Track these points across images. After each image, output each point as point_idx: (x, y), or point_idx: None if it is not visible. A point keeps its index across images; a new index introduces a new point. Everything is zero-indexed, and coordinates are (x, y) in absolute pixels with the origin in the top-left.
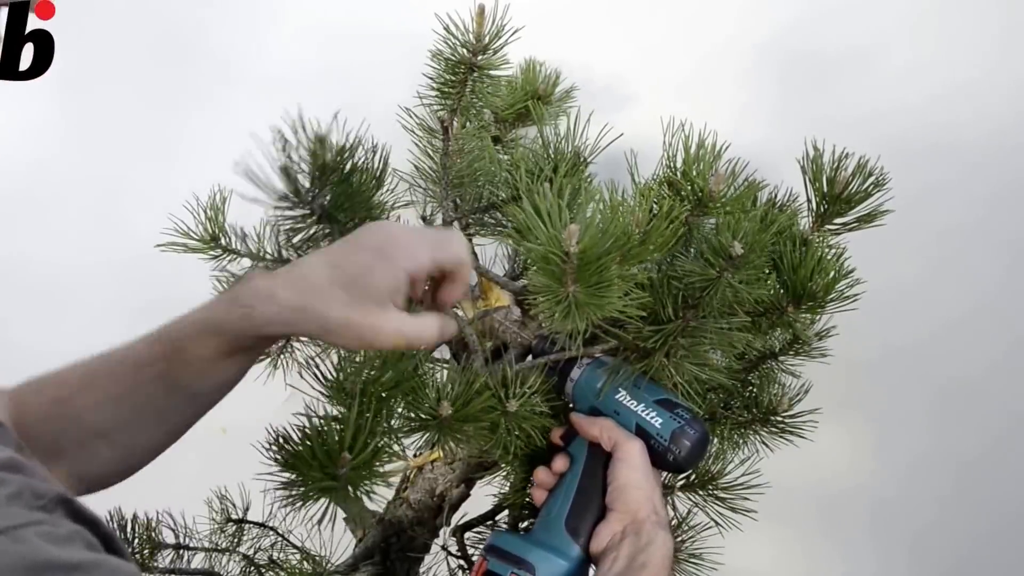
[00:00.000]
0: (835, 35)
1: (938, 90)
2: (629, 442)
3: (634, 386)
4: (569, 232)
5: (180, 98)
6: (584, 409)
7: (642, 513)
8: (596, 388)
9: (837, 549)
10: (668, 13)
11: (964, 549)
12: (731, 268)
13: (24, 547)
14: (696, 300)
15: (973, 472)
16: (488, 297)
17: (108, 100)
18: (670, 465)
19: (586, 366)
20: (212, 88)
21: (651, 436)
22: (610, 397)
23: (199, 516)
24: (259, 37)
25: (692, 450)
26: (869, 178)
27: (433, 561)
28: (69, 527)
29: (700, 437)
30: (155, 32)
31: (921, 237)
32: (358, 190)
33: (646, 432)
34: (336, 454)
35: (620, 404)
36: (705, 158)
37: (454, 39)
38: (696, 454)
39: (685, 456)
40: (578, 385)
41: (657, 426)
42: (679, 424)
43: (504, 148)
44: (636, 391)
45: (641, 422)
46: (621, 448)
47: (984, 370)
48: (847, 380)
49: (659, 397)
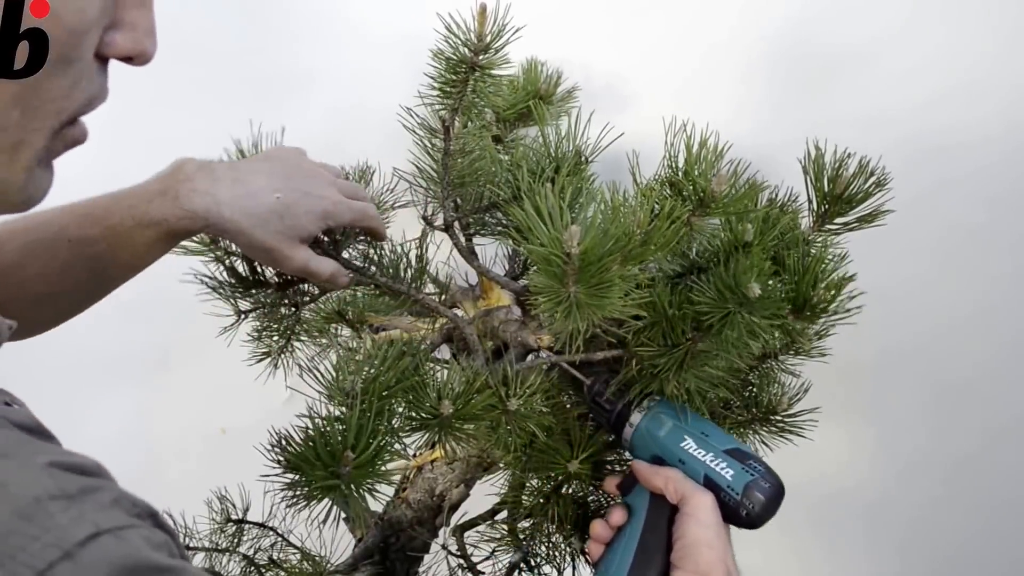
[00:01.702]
0: (838, 35)
1: (940, 91)
2: (699, 495)
3: (702, 434)
4: (570, 233)
5: (182, 97)
6: (644, 457)
7: (715, 575)
8: (659, 435)
9: (830, 548)
10: (670, 13)
11: (956, 549)
12: (747, 308)
13: (127, 547)
14: (708, 327)
15: (967, 473)
16: (489, 297)
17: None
18: (742, 521)
19: (647, 410)
20: (214, 87)
21: (721, 489)
22: (675, 445)
23: (199, 516)
24: (261, 36)
25: (767, 504)
26: (870, 178)
27: (433, 561)
28: (160, 536)
29: (775, 490)
30: (159, 33)
31: (921, 238)
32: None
33: (716, 484)
34: (339, 454)
35: (686, 453)
36: (707, 158)
37: (455, 38)
38: (771, 508)
39: (759, 512)
40: (638, 431)
41: (728, 478)
42: (752, 476)
43: (505, 148)
44: (703, 440)
45: (711, 473)
46: (690, 502)
47: (981, 372)
48: (845, 381)
49: (729, 447)
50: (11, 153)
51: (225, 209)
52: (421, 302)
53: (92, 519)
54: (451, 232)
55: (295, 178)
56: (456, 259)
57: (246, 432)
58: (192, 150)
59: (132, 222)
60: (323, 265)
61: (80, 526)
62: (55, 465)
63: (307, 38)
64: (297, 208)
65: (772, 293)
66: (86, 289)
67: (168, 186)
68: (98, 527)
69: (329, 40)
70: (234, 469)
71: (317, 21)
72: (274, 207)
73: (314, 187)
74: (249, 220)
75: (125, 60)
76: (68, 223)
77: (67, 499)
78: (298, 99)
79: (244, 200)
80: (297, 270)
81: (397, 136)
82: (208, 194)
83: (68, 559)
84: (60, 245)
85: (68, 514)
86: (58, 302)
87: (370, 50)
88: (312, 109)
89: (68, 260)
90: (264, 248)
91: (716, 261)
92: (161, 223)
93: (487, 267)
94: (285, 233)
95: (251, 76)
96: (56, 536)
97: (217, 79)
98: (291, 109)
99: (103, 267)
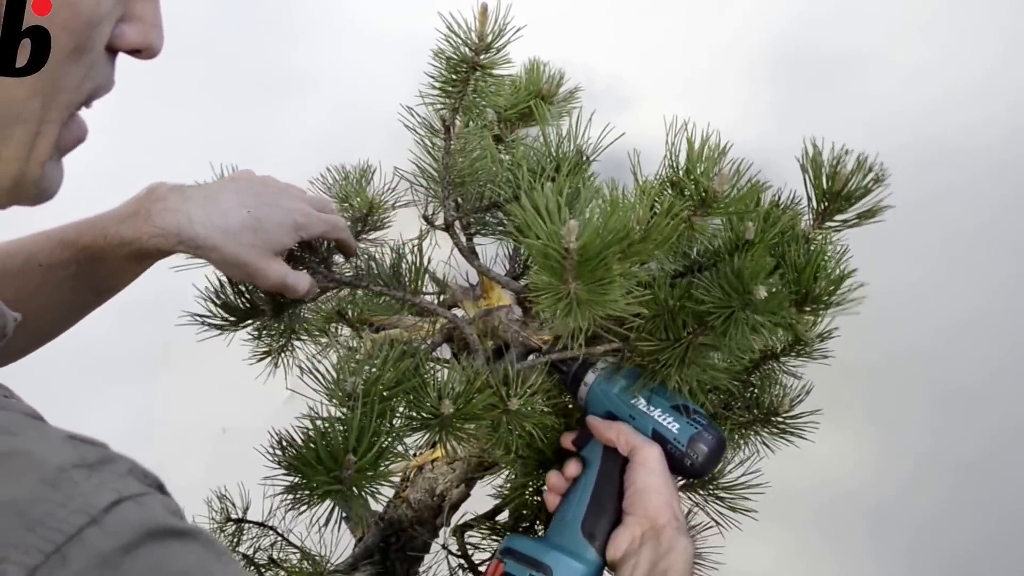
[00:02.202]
0: (842, 38)
1: (944, 93)
2: (647, 447)
3: (649, 391)
4: (569, 228)
5: (184, 97)
6: (598, 414)
7: (662, 519)
8: (611, 393)
9: (837, 551)
10: (674, 15)
11: (965, 553)
12: (752, 309)
13: (149, 512)
14: (710, 323)
15: (973, 476)
16: (489, 296)
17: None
18: (687, 470)
19: (600, 371)
20: (216, 87)
21: (668, 441)
22: (626, 402)
23: (199, 516)
24: (262, 36)
25: (709, 455)
26: (868, 174)
27: (433, 560)
28: (174, 503)
29: (717, 442)
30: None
31: (927, 241)
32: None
33: (663, 437)
34: (340, 456)
35: (636, 409)
36: (708, 157)
37: (456, 38)
38: (713, 459)
39: (703, 461)
40: (592, 390)
41: (674, 431)
42: (696, 429)
43: (506, 148)
44: (652, 396)
45: (658, 427)
46: (639, 453)
47: (986, 376)
48: (850, 383)
49: (675, 402)
50: (31, 145)
51: (197, 226)
52: (419, 305)
53: (113, 486)
54: (452, 231)
55: (264, 195)
56: (457, 259)
57: (247, 432)
58: (194, 149)
59: (103, 243)
60: (300, 281)
61: (103, 493)
62: (74, 438)
63: (309, 38)
64: (268, 221)
65: (776, 291)
66: (61, 314)
67: (140, 207)
68: (120, 494)
69: (331, 40)
70: (234, 468)
71: (319, 21)
72: (246, 221)
73: (284, 201)
74: (221, 235)
75: (132, 53)
76: (39, 249)
77: (88, 468)
78: (300, 99)
79: (216, 216)
80: (274, 286)
81: (398, 135)
82: (179, 211)
83: (95, 524)
84: (32, 270)
85: (90, 482)
86: (33, 327)
87: (372, 50)
88: (314, 108)
89: (41, 285)
90: (238, 263)
91: (718, 260)
92: (133, 242)
93: (488, 267)
94: (258, 247)
95: (253, 76)
96: (82, 503)
97: (219, 79)
98: (293, 108)
99: (77, 290)
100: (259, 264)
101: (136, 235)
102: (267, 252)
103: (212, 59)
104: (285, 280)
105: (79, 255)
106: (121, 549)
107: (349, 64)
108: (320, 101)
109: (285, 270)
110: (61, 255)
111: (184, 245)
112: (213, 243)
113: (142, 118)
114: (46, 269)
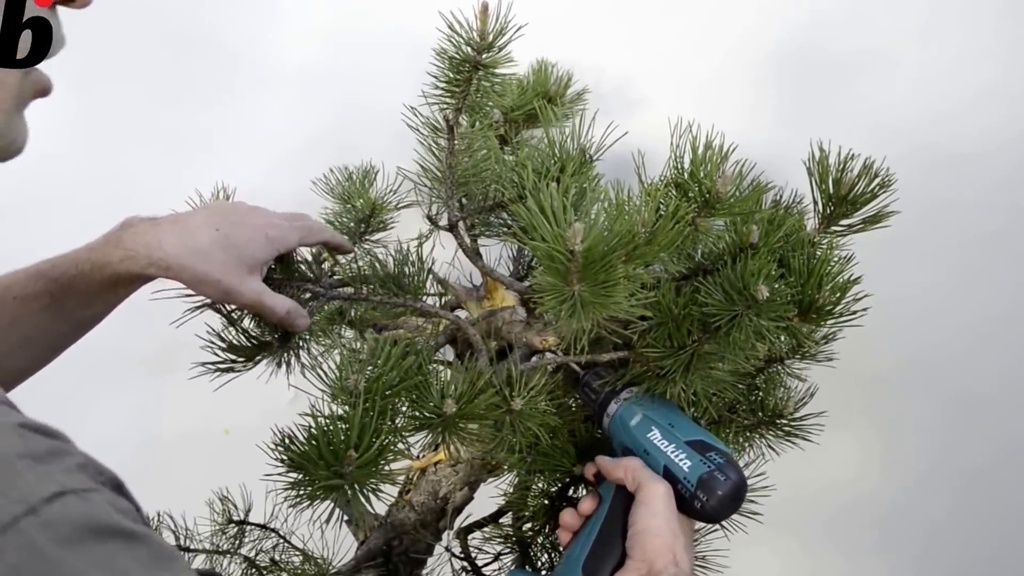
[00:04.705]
0: (850, 42)
1: (952, 98)
2: (652, 484)
3: (669, 424)
4: (574, 230)
5: (186, 96)
6: (618, 447)
7: (659, 563)
8: (629, 425)
9: (844, 557)
10: (680, 16)
11: (974, 560)
12: (755, 311)
13: (92, 508)
14: (715, 328)
15: (983, 483)
16: (493, 297)
17: (112, 97)
18: (697, 513)
19: (623, 401)
20: (218, 87)
21: (678, 480)
22: (643, 435)
23: (200, 517)
24: (265, 36)
25: (722, 499)
26: (875, 179)
27: (436, 564)
28: (125, 503)
29: (732, 487)
30: (162, 31)
31: (936, 247)
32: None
33: (673, 475)
34: (342, 453)
35: (651, 443)
36: (712, 159)
37: (458, 37)
38: (728, 503)
39: (714, 505)
40: (614, 420)
41: (685, 469)
42: (708, 469)
43: (511, 148)
44: (669, 430)
45: (669, 464)
46: (642, 491)
47: (995, 381)
48: (858, 390)
49: (692, 438)
50: None
51: (166, 245)
52: (421, 309)
53: (58, 479)
54: (456, 232)
55: (232, 215)
56: (461, 259)
57: (249, 432)
58: (196, 148)
59: (75, 271)
60: (278, 302)
61: (45, 484)
62: (25, 427)
63: (311, 37)
64: (238, 237)
65: (779, 295)
66: (39, 348)
67: (112, 235)
68: (63, 487)
69: (333, 39)
70: (236, 470)
71: (321, 20)
72: (214, 239)
73: (252, 218)
74: (190, 254)
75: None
76: (13, 282)
77: (34, 459)
78: (302, 98)
79: (184, 237)
80: (250, 304)
81: (402, 136)
82: (148, 234)
83: (32, 514)
84: (5, 304)
85: (34, 472)
86: (10, 361)
87: (374, 49)
88: (317, 109)
89: (16, 319)
90: (209, 280)
91: (722, 263)
92: (104, 267)
93: (492, 267)
94: (230, 263)
95: (256, 75)
96: (21, 493)
97: (221, 78)
98: (295, 108)
99: (53, 323)
100: (231, 280)
101: (107, 259)
102: (239, 268)
103: (213, 59)
104: (262, 298)
105: (51, 286)
106: (59, 542)
107: (352, 64)
108: (323, 101)
109: (261, 287)
110: (35, 287)
111: (155, 267)
112: (182, 263)
113: (142, 118)
114: (20, 302)
